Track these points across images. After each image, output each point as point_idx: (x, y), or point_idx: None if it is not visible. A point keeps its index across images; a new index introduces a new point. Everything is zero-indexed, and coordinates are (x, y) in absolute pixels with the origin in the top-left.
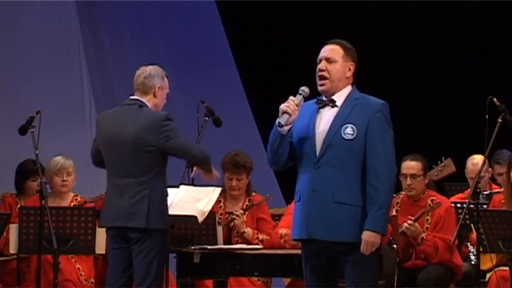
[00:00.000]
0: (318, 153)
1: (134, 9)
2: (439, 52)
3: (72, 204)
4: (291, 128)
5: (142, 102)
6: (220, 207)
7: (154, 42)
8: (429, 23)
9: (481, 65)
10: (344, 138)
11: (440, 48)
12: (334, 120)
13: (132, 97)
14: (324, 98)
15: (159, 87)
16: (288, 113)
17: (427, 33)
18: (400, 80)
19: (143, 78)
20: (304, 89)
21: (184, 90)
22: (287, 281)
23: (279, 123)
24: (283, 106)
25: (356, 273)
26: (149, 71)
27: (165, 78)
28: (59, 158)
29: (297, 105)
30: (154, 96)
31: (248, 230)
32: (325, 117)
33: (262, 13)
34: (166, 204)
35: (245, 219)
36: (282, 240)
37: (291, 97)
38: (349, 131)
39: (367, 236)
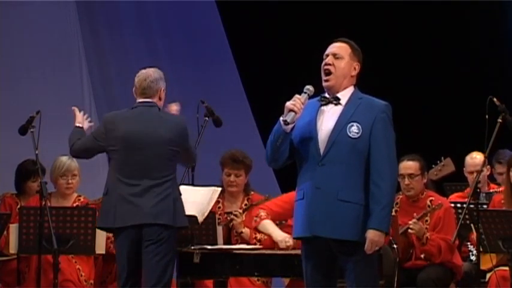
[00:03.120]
0: (322, 150)
1: (134, 9)
2: (439, 52)
3: (75, 205)
4: (294, 126)
5: (157, 105)
6: (219, 207)
7: (154, 42)
8: (429, 23)
9: (481, 65)
10: (349, 137)
11: (440, 48)
12: (339, 119)
13: (147, 99)
14: (328, 96)
15: (163, 90)
16: (294, 111)
17: (427, 33)
18: (399, 80)
19: (149, 82)
20: (310, 88)
21: (184, 90)
22: (287, 281)
23: (285, 121)
24: (289, 104)
25: (357, 272)
26: (153, 75)
27: (164, 80)
28: (64, 158)
29: (302, 104)
30: (159, 99)
31: (246, 230)
32: (329, 115)
33: (262, 13)
34: (183, 204)
35: (244, 218)
36: (253, 219)
37: (297, 95)
38: (354, 129)
39: (372, 234)
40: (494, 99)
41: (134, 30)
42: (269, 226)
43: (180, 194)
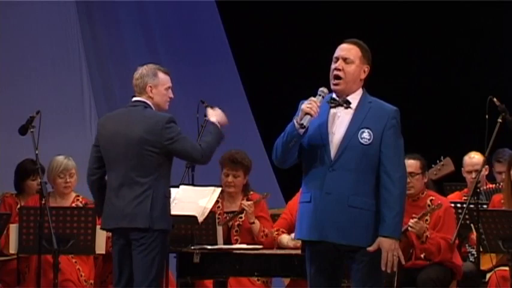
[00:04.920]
0: (333, 155)
1: (134, 9)
2: (438, 52)
3: (73, 205)
4: (307, 128)
5: (145, 103)
6: (219, 207)
7: (154, 42)
8: (429, 23)
9: (481, 65)
10: (361, 143)
11: (440, 47)
12: (350, 124)
13: (135, 98)
14: (337, 98)
15: (151, 86)
16: (310, 114)
17: (427, 33)
18: (399, 80)
19: (135, 80)
20: (324, 90)
21: (184, 90)
22: (287, 281)
23: (302, 124)
24: (305, 107)
25: (364, 272)
26: (140, 72)
27: (159, 74)
28: (61, 158)
29: (318, 107)
30: (150, 95)
31: (256, 222)
32: (340, 120)
33: (262, 13)
34: (169, 206)
35: (253, 209)
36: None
37: (312, 98)
38: (366, 135)
39: (387, 243)
40: (494, 99)
41: (134, 30)
42: (284, 240)
43: (168, 196)
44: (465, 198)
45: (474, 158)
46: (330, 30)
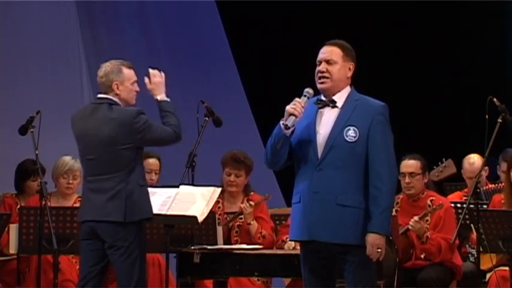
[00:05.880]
0: (319, 154)
1: (134, 9)
2: (438, 52)
3: (75, 206)
4: (294, 129)
5: (111, 100)
6: (219, 207)
7: (154, 42)
8: (428, 23)
9: (481, 65)
10: (347, 141)
11: (439, 47)
12: (336, 122)
13: (100, 95)
14: (324, 98)
15: (117, 83)
16: (294, 115)
17: (427, 32)
18: (399, 80)
19: (99, 78)
20: (309, 91)
21: (184, 90)
22: (287, 281)
23: (286, 125)
24: (289, 108)
25: (356, 273)
26: (104, 69)
27: (124, 70)
28: (67, 158)
29: (302, 107)
30: (116, 92)
31: (254, 223)
32: (326, 119)
33: (262, 13)
34: (144, 195)
35: (252, 210)
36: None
37: (297, 99)
38: (351, 133)
39: (372, 238)
40: (494, 99)
41: (134, 30)
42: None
43: (142, 184)
44: (465, 198)
45: (474, 164)
46: (330, 31)
